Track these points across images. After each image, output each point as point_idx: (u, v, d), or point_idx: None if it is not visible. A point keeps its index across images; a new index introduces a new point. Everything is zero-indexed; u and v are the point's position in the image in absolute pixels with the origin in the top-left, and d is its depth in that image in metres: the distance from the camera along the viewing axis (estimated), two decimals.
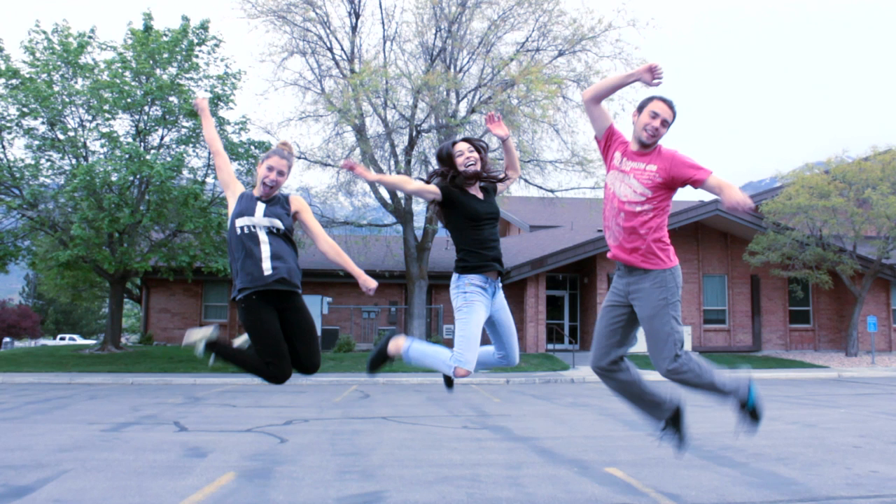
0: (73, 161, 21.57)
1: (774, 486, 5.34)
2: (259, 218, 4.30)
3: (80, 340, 58.98)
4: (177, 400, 13.48)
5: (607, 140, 4.21)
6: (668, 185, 4.04)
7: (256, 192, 4.45)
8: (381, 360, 4.60)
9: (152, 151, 22.00)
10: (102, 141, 20.81)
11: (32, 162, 21.54)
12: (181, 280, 27.14)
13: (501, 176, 4.59)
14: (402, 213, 25.55)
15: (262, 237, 4.27)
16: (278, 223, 4.31)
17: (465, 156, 4.37)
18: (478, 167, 4.39)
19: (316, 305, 25.83)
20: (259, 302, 4.25)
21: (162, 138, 22.99)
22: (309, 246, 26.68)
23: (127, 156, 19.54)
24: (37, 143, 21.50)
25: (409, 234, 25.65)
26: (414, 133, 24.20)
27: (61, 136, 21.58)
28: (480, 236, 4.32)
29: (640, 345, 4.28)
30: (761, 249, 24.62)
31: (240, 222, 4.29)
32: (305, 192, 26.02)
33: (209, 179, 23.38)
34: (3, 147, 21.70)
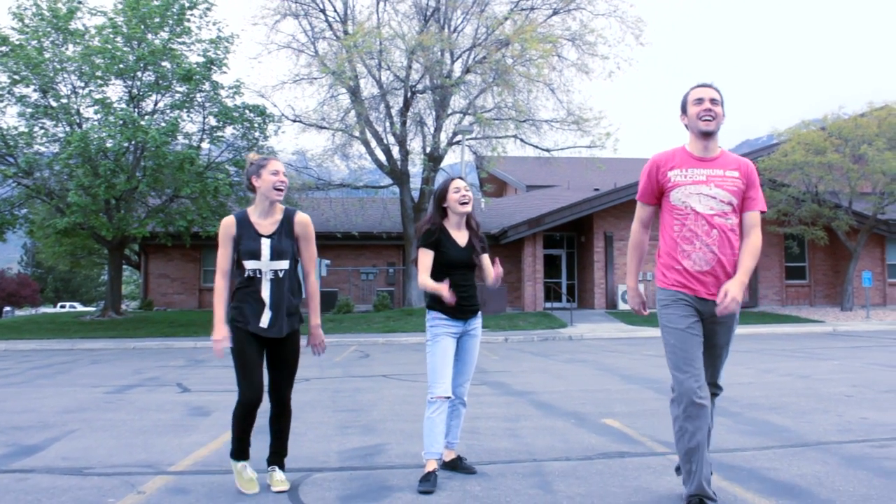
0: (67, 128, 21.45)
1: (767, 434, 5.46)
2: (265, 262, 4.06)
3: (80, 308, 59.20)
4: (178, 363, 13.62)
5: (657, 180, 3.73)
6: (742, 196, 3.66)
7: (257, 212, 4.13)
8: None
9: (146, 117, 21.87)
10: (96, 108, 20.65)
11: (26, 130, 21.42)
12: (179, 245, 27.15)
13: (481, 245, 4.56)
14: (399, 175, 25.51)
15: (266, 285, 4.06)
16: (285, 264, 4.08)
17: (462, 193, 4.40)
18: (469, 208, 4.43)
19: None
20: (248, 335, 4.07)
21: (156, 104, 22.83)
22: (306, 209, 26.69)
23: (121, 122, 19.43)
24: (30, 110, 21.35)
25: (406, 196, 25.64)
26: (409, 94, 24.06)
27: (54, 104, 21.43)
28: (452, 281, 4.31)
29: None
30: None
31: (248, 265, 4.06)
32: (301, 155, 25.93)
33: (204, 144, 23.29)
34: None
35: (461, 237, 4.47)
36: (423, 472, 4.21)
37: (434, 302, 4.41)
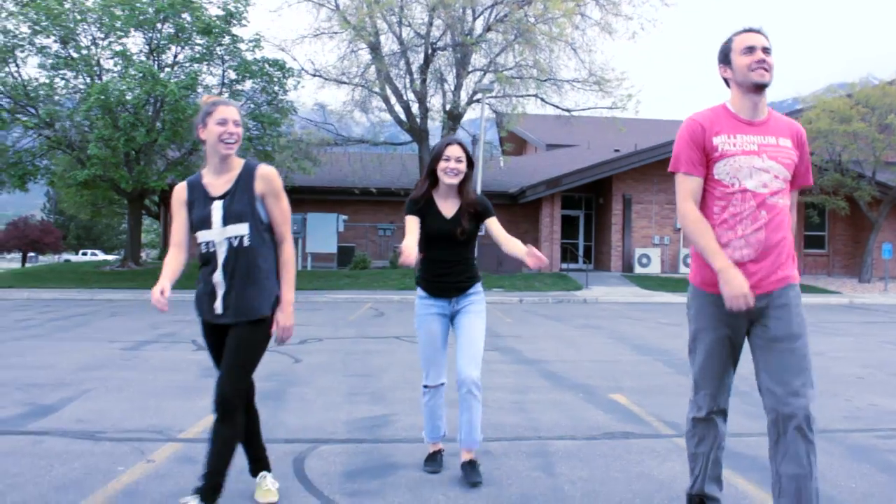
0: (87, 80, 21.43)
1: None
2: (217, 230, 3.29)
3: (101, 255, 59.97)
4: (195, 316, 13.78)
5: (705, 146, 3.07)
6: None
7: (210, 171, 3.38)
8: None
9: (166, 69, 21.80)
10: (116, 60, 20.60)
11: (47, 81, 21.44)
12: None
13: (473, 214, 4.04)
14: (418, 132, 25.37)
15: (220, 260, 3.29)
16: (243, 229, 3.28)
17: (451, 164, 3.90)
18: (455, 180, 3.93)
19: (332, 223, 25.97)
20: (208, 328, 3.48)
21: (175, 56, 22.73)
22: (324, 164, 26.68)
23: (140, 74, 19.39)
24: (50, 61, 21.34)
25: (425, 153, 25.52)
26: (429, 51, 23.79)
27: (74, 55, 21.39)
28: (430, 255, 4.00)
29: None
30: None
31: (200, 237, 3.34)
32: (321, 108, 25.82)
33: (224, 96, 23.21)
34: (17, 65, 21.58)
35: (448, 207, 4.01)
36: (428, 451, 4.22)
37: (418, 277, 4.10)
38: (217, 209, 3.29)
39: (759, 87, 2.98)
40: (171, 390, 6.40)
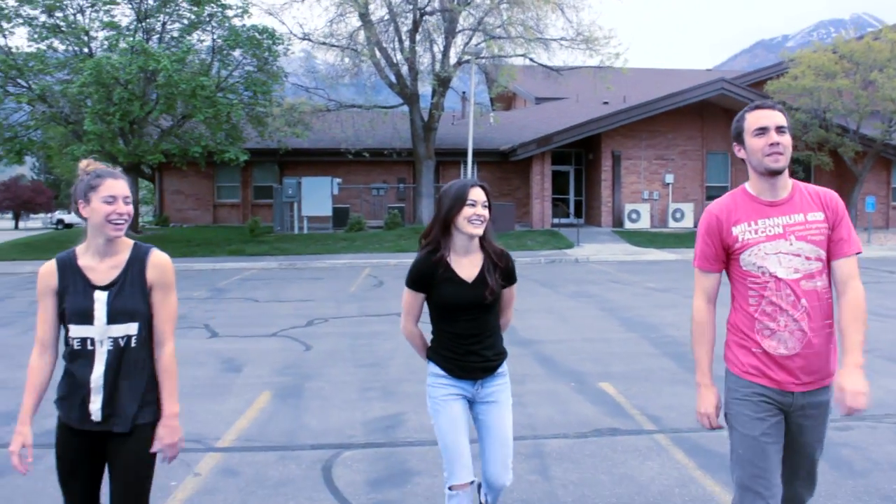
0: (77, 49, 21.56)
1: None
2: (100, 326, 2.70)
3: None
4: (202, 293, 14.36)
5: (722, 240, 2.90)
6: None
7: (90, 252, 2.79)
8: None
9: (154, 38, 21.94)
10: (106, 32, 20.74)
11: (35, 51, 21.55)
12: (193, 162, 27.67)
13: (502, 275, 3.31)
14: (408, 95, 25.62)
15: (100, 361, 2.72)
16: (131, 328, 2.75)
17: (479, 210, 3.16)
18: (481, 230, 3.18)
19: (326, 187, 26.41)
20: (72, 435, 2.78)
21: (163, 25, 22.81)
22: (317, 129, 26.98)
23: (130, 49, 19.59)
24: (37, 31, 21.45)
25: (416, 115, 25.84)
26: (418, 16, 23.90)
27: (61, 24, 21.49)
28: (448, 328, 3.28)
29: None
30: None
31: (73, 332, 2.72)
32: (311, 74, 26.00)
33: (213, 66, 23.38)
34: (4, 36, 21.65)
35: (468, 267, 3.24)
36: None
37: (431, 349, 3.40)
38: (101, 302, 2.71)
39: (774, 173, 2.80)
40: (197, 389, 6.96)
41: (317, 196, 26.35)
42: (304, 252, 22.59)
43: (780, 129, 2.77)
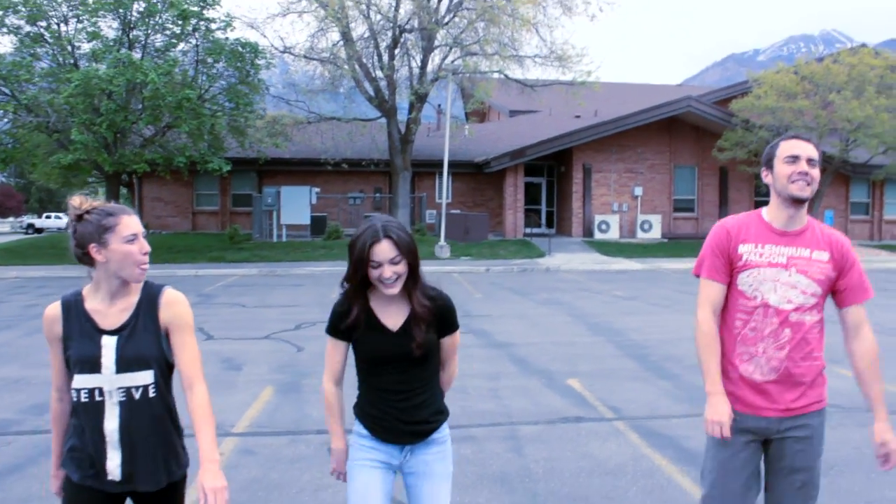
0: (61, 59, 22.06)
1: (695, 401, 6.93)
2: (109, 376, 2.43)
3: (65, 218, 59.76)
4: (191, 299, 14.82)
5: (729, 253, 2.93)
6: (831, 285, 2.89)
7: (99, 295, 2.52)
8: None
9: (137, 48, 22.50)
10: (93, 43, 21.28)
11: (20, 59, 21.97)
12: (173, 170, 28.20)
13: (438, 312, 2.73)
14: (387, 109, 26.43)
15: (112, 410, 2.44)
16: (146, 378, 2.47)
17: (386, 272, 2.57)
18: (395, 289, 2.60)
19: (305, 196, 27.09)
20: (87, 495, 2.52)
21: (147, 36, 23.38)
22: (296, 140, 27.68)
23: (118, 62, 20.14)
24: (20, 39, 21.90)
25: (394, 128, 26.63)
26: (397, 33, 24.78)
27: (45, 33, 21.98)
28: (372, 382, 2.76)
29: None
30: (730, 146, 26.06)
31: (78, 382, 2.44)
32: (292, 87, 26.70)
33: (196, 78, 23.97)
34: None
35: (393, 315, 2.71)
36: None
37: (356, 405, 2.85)
38: (108, 348, 2.44)
39: (797, 201, 2.82)
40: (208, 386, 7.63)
41: (296, 205, 27.02)
42: (284, 259, 23.23)
43: (810, 161, 2.81)
